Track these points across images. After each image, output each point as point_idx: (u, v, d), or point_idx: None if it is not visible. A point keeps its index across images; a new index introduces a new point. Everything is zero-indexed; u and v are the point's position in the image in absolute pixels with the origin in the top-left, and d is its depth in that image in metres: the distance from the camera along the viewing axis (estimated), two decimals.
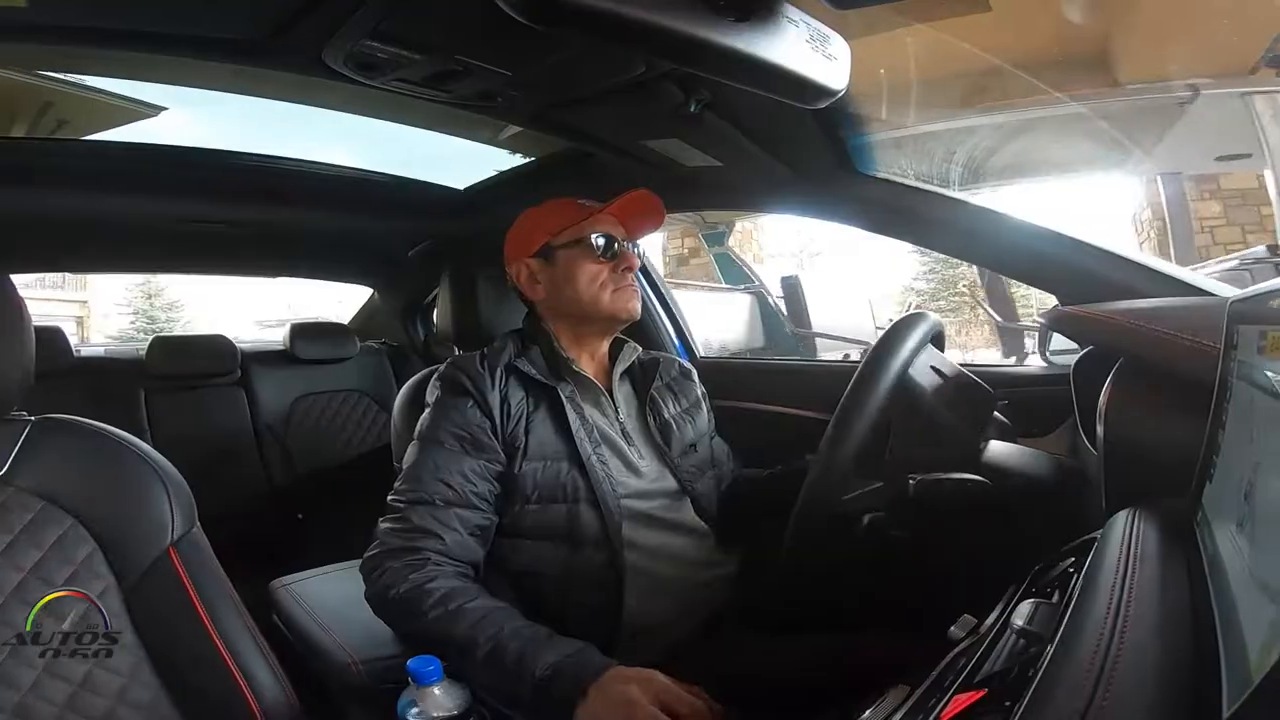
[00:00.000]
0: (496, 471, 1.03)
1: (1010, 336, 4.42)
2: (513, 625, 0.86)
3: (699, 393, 1.29)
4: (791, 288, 4.86)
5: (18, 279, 0.82)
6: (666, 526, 1.10)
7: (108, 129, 1.63)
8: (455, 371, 1.08)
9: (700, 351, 1.90)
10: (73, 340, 2.32)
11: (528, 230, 1.17)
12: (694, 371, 1.33)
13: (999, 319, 4.50)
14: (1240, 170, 5.02)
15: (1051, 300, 1.15)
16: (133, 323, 14.34)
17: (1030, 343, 4.03)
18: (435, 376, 1.12)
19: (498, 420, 1.04)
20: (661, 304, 1.83)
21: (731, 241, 8.03)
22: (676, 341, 1.83)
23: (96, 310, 14.49)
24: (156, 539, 0.79)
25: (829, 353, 4.29)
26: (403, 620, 0.91)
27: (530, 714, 0.81)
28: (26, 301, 0.80)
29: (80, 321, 13.72)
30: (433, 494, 0.98)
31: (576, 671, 0.79)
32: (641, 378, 1.21)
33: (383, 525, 0.98)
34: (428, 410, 1.08)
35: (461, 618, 0.86)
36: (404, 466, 1.04)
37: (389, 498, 1.01)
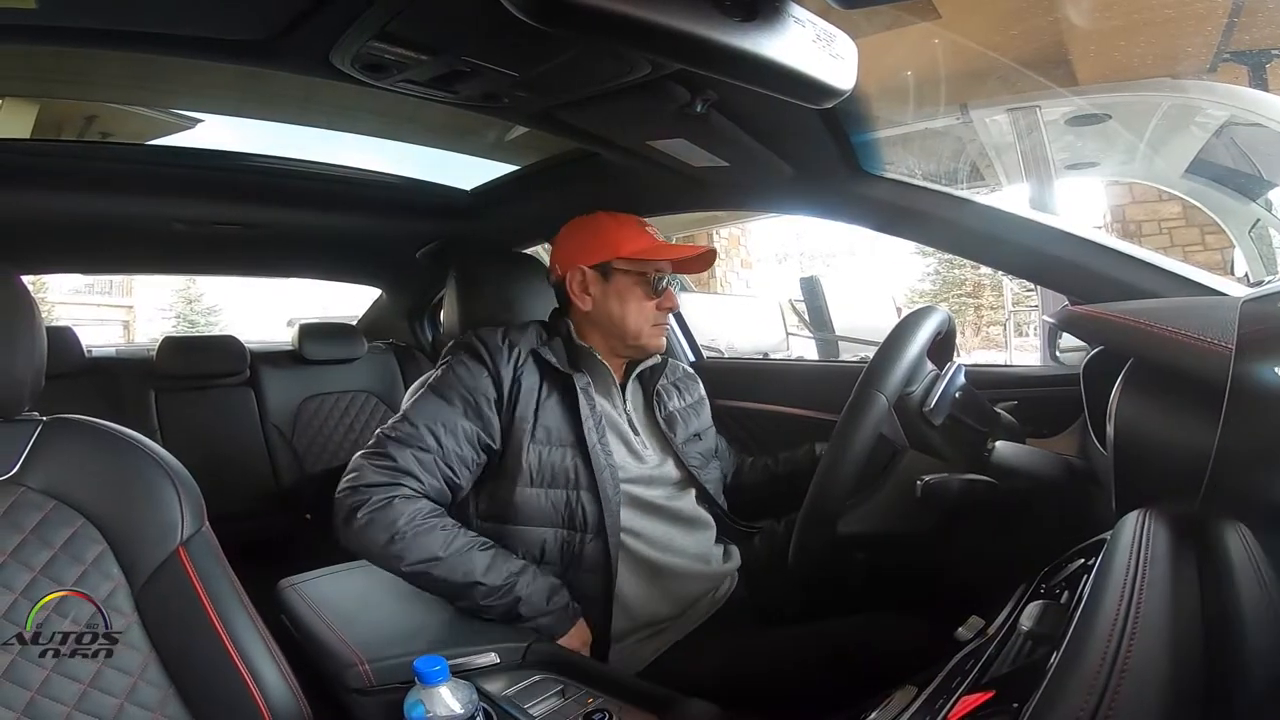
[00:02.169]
0: (485, 443, 1.06)
1: (827, 346, 4.70)
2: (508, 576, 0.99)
3: (702, 392, 1.35)
4: (811, 288, 4.78)
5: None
6: (668, 516, 1.13)
7: (148, 140, 1.66)
8: (475, 340, 1.11)
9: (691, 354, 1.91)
10: (119, 341, 2.34)
11: (591, 239, 1.17)
12: (697, 375, 1.38)
13: (814, 332, 4.75)
14: (1089, 178, 5.06)
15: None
16: (175, 326, 14.75)
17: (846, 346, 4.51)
18: (453, 342, 1.15)
19: (505, 395, 1.08)
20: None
21: (719, 247, 8.26)
22: (686, 344, 1.84)
23: (141, 315, 14.98)
24: (166, 538, 0.79)
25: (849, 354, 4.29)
26: (410, 554, 0.97)
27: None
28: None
29: (126, 325, 14.23)
30: (421, 441, 1.03)
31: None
32: (650, 376, 1.24)
33: (360, 458, 1.02)
34: (440, 367, 1.11)
35: (475, 560, 0.98)
36: (403, 407, 1.07)
37: (377, 431, 1.06)
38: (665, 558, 1.09)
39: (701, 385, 1.36)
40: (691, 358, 1.85)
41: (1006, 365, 1.92)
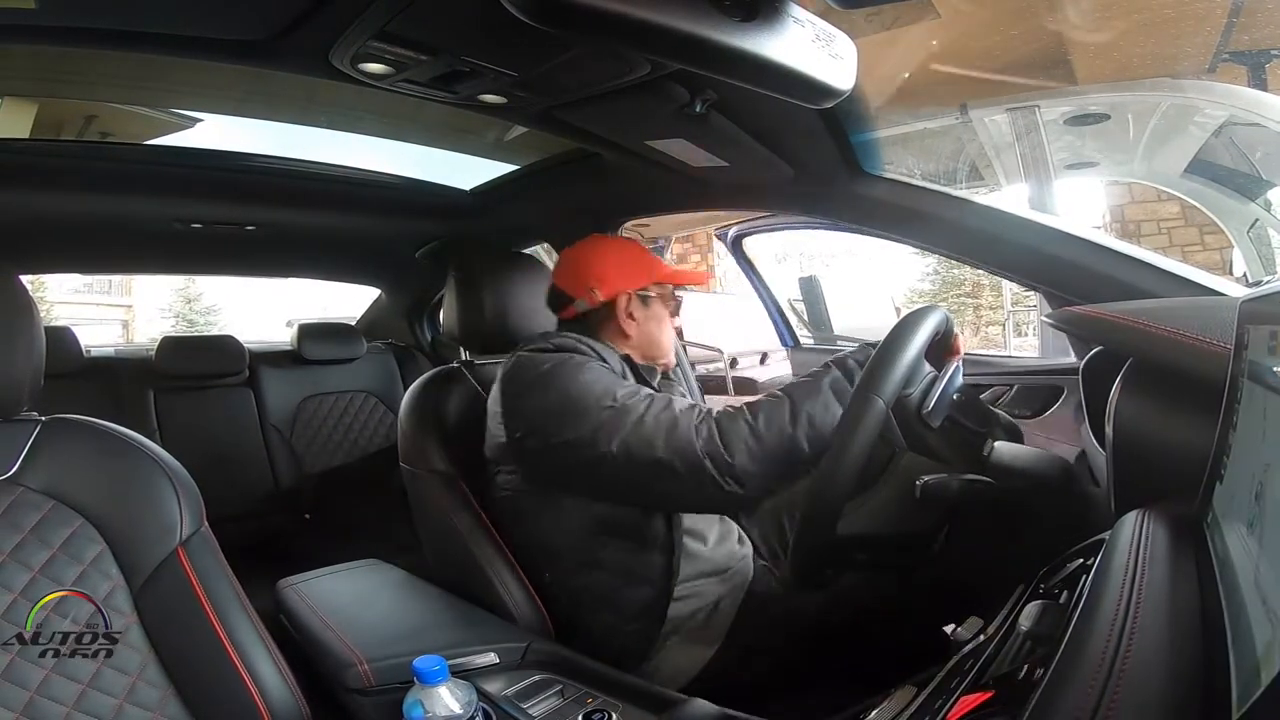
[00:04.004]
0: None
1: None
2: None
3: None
4: (810, 288, 4.76)
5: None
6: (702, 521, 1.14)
7: (147, 140, 1.66)
8: (572, 350, 1.07)
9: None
10: (119, 341, 2.34)
11: (634, 265, 1.20)
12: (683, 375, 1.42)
13: (812, 332, 4.80)
14: (1089, 178, 5.07)
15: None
16: (174, 326, 14.60)
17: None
18: (550, 355, 1.06)
19: None
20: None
21: (717, 247, 8.36)
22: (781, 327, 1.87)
23: (141, 314, 14.87)
24: (165, 539, 0.79)
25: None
26: (775, 423, 0.92)
27: None
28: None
29: (126, 325, 14.15)
30: (640, 395, 0.98)
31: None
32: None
33: (659, 442, 0.93)
34: (575, 382, 1.01)
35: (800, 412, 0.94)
36: (548, 425, 1.00)
37: (616, 439, 0.95)
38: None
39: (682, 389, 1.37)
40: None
41: (1002, 355, 1.94)
